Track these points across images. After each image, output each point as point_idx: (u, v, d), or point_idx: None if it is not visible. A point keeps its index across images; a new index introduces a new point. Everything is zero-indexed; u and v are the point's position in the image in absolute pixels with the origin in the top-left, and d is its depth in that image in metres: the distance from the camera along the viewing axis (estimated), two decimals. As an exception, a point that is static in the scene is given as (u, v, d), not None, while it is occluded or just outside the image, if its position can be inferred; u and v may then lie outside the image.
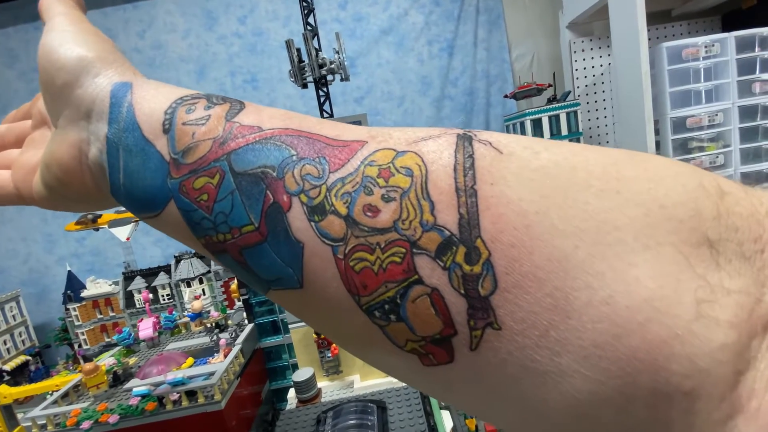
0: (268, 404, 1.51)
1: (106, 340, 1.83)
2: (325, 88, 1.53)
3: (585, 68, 1.81)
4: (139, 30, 2.07)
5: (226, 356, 1.26)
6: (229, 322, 1.56)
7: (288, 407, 1.16)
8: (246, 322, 1.56)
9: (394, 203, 0.16)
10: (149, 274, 1.89)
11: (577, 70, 1.81)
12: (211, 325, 1.53)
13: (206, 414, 1.09)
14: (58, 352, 2.03)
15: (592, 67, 1.81)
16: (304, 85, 1.54)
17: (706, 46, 1.33)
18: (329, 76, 1.51)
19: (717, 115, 1.37)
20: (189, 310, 1.64)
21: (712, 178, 0.15)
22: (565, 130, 1.68)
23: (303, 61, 1.49)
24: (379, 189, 0.16)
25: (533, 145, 0.16)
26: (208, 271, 1.80)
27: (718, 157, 1.39)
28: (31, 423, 1.10)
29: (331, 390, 1.21)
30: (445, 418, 0.97)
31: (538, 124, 1.69)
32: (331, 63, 1.45)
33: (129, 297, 1.87)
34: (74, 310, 1.80)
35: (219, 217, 0.18)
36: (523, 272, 0.14)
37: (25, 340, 2.01)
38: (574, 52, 1.80)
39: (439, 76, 2.12)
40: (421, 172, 0.16)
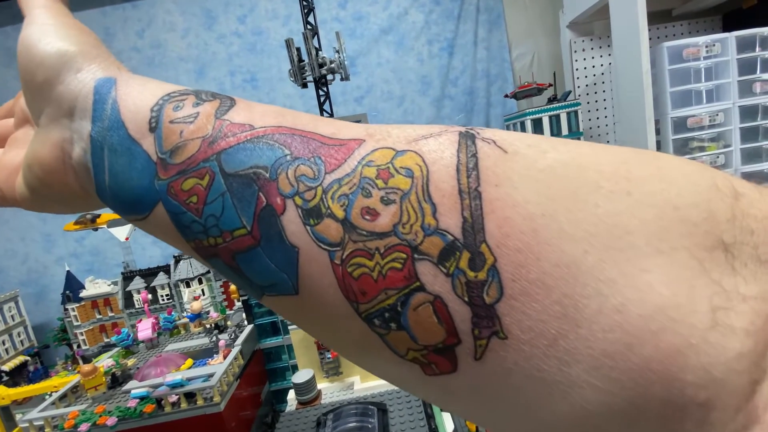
0: (268, 406, 1.51)
1: (105, 340, 1.83)
2: (325, 88, 1.53)
3: (585, 68, 1.81)
4: (138, 29, 2.07)
5: (225, 357, 1.25)
6: (229, 323, 1.56)
7: (288, 409, 1.16)
8: (245, 322, 1.56)
9: (393, 206, 0.15)
10: (148, 275, 1.89)
11: (577, 69, 1.81)
12: (211, 326, 1.52)
13: (205, 416, 1.09)
14: (57, 353, 2.03)
15: (593, 67, 1.81)
16: (304, 85, 1.53)
17: (706, 46, 1.33)
18: (329, 76, 1.50)
19: (718, 115, 1.36)
20: (188, 311, 1.64)
21: (726, 178, 0.15)
22: (565, 130, 1.68)
23: (303, 61, 1.48)
24: (378, 191, 0.15)
25: (539, 144, 0.16)
26: (208, 272, 1.80)
27: (718, 157, 1.39)
28: (29, 425, 1.09)
29: (331, 392, 1.20)
30: (447, 421, 0.97)
31: (538, 124, 1.69)
32: (331, 62, 1.44)
33: (128, 297, 1.87)
34: (73, 310, 1.80)
35: (209, 221, 0.17)
36: (531, 279, 0.13)
37: (24, 341, 2.00)
38: (575, 52, 1.79)
39: (439, 76, 2.12)
40: (422, 173, 0.15)
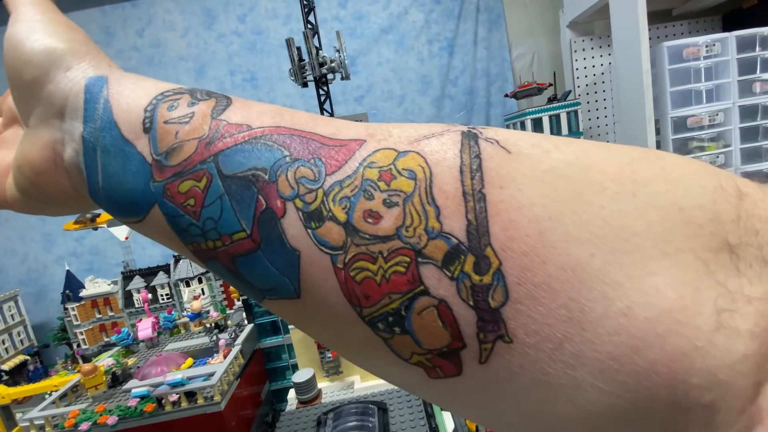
0: (268, 405, 1.51)
1: (105, 339, 1.83)
2: (325, 87, 1.53)
3: (585, 67, 1.81)
4: (138, 28, 2.07)
5: (225, 357, 1.25)
6: (229, 322, 1.56)
7: (288, 408, 1.16)
8: (246, 322, 1.56)
9: (396, 209, 0.15)
10: (148, 274, 1.89)
11: (577, 69, 1.81)
12: (211, 325, 1.52)
13: (206, 415, 1.09)
14: (57, 352, 2.03)
15: (593, 67, 1.80)
16: (305, 84, 1.53)
17: (706, 46, 1.33)
18: (330, 75, 1.50)
19: (717, 114, 1.36)
20: (188, 310, 1.64)
21: (730, 178, 0.15)
22: (565, 130, 1.68)
23: (303, 60, 1.48)
24: (380, 193, 0.15)
25: (542, 143, 0.16)
26: (207, 271, 1.80)
27: (718, 157, 1.39)
28: (29, 424, 1.09)
29: (331, 391, 1.20)
30: (447, 420, 0.97)
31: (538, 124, 1.69)
32: (332, 61, 1.44)
33: (128, 297, 1.87)
34: (73, 309, 1.80)
35: (208, 224, 0.17)
36: (536, 282, 0.13)
37: (24, 340, 2.00)
38: (575, 52, 1.79)
39: (440, 75, 2.12)
40: (424, 175, 0.15)
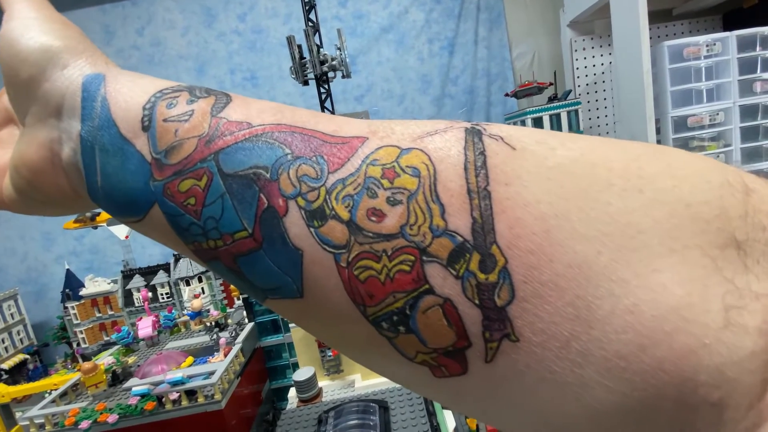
0: (269, 404, 1.51)
1: (105, 338, 1.83)
2: (326, 85, 1.53)
3: (586, 67, 1.81)
4: (138, 27, 2.06)
5: (226, 355, 1.25)
6: (229, 320, 1.56)
7: (289, 407, 1.16)
8: (246, 320, 1.56)
9: (400, 207, 0.15)
10: (148, 273, 1.89)
11: (578, 68, 1.81)
12: (211, 323, 1.52)
13: (206, 413, 1.09)
14: (57, 351, 2.03)
15: (593, 66, 1.80)
16: (305, 82, 1.53)
17: (707, 45, 1.33)
18: (330, 73, 1.50)
19: (718, 114, 1.36)
20: (188, 309, 1.64)
21: (737, 174, 0.14)
22: (565, 129, 1.68)
23: (304, 58, 1.48)
24: (384, 191, 0.15)
25: (547, 140, 0.15)
26: (207, 270, 1.80)
27: (718, 157, 1.39)
28: (29, 423, 1.09)
29: (332, 389, 1.20)
30: (448, 418, 0.97)
31: (538, 123, 1.69)
32: (333, 59, 1.44)
33: (128, 295, 1.87)
34: (73, 308, 1.80)
35: (209, 223, 0.17)
36: (543, 280, 0.13)
37: (24, 339, 2.00)
38: (575, 51, 1.79)
39: (440, 75, 2.12)
40: (428, 172, 0.15)
